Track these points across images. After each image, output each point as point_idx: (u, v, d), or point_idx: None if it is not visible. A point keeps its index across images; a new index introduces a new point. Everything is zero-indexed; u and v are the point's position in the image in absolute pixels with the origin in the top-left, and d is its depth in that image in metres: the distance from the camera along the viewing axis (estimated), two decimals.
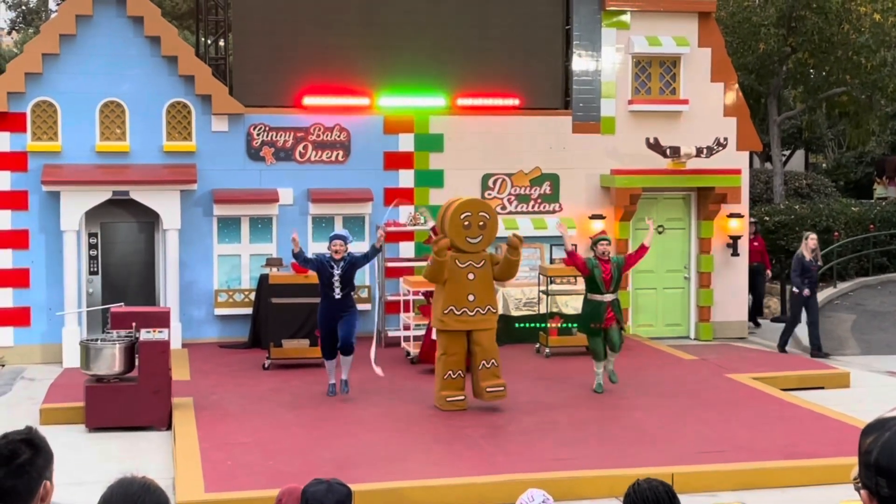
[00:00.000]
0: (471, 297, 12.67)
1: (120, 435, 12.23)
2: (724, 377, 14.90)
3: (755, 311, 20.59)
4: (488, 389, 12.65)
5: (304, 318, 15.75)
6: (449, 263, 12.69)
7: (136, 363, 12.47)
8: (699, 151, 18.64)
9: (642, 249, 13.92)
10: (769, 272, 21.09)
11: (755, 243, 20.18)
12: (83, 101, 16.78)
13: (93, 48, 16.82)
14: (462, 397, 12.73)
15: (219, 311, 17.26)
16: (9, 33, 39.13)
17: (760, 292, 20.82)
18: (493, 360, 12.75)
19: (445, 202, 13.58)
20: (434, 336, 14.61)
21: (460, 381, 12.76)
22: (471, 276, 12.69)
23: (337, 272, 13.20)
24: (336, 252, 13.24)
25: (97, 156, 16.87)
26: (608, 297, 13.55)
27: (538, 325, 16.74)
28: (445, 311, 12.71)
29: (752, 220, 20.48)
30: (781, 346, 18.08)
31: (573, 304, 17.22)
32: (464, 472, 10.38)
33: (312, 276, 15.59)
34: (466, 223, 12.73)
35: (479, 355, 12.72)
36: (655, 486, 4.10)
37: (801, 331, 19.18)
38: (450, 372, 12.71)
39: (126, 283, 17.38)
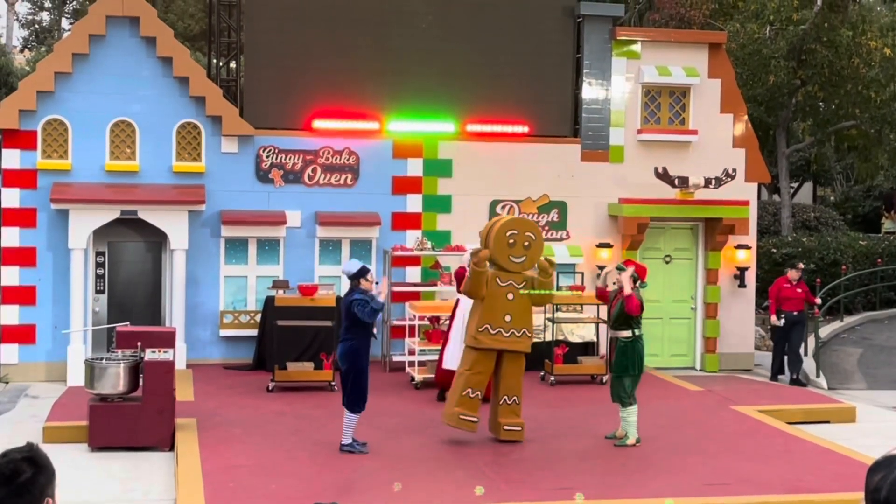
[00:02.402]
0: (507, 318, 12.44)
1: (122, 455, 12.20)
2: (729, 409, 14.84)
3: (785, 365, 18.17)
4: (505, 427, 12.43)
5: (309, 341, 15.74)
6: (490, 281, 12.45)
7: (141, 383, 12.45)
8: (707, 182, 18.67)
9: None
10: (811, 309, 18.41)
11: (798, 290, 18.21)
12: (94, 120, 16.84)
13: (105, 68, 16.90)
14: (475, 419, 12.41)
15: (224, 333, 17.26)
16: (21, 51, 39.36)
17: (795, 345, 18.21)
18: (514, 398, 12.51)
19: (490, 221, 13.35)
20: (445, 365, 14.53)
21: (477, 402, 12.45)
22: (510, 297, 12.44)
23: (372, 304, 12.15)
24: (373, 284, 12.03)
25: (107, 175, 16.92)
26: (611, 333, 12.80)
27: None
28: (480, 329, 12.41)
29: (801, 265, 18.78)
30: None
31: (579, 333, 17.20)
32: (467, 500, 10.31)
33: (319, 299, 15.62)
34: (511, 241, 12.44)
35: (503, 389, 12.49)
36: None
37: (809, 364, 19.10)
38: (469, 390, 12.38)
39: (132, 302, 17.38)
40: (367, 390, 11.83)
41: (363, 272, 11.92)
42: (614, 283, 12.98)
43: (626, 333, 12.55)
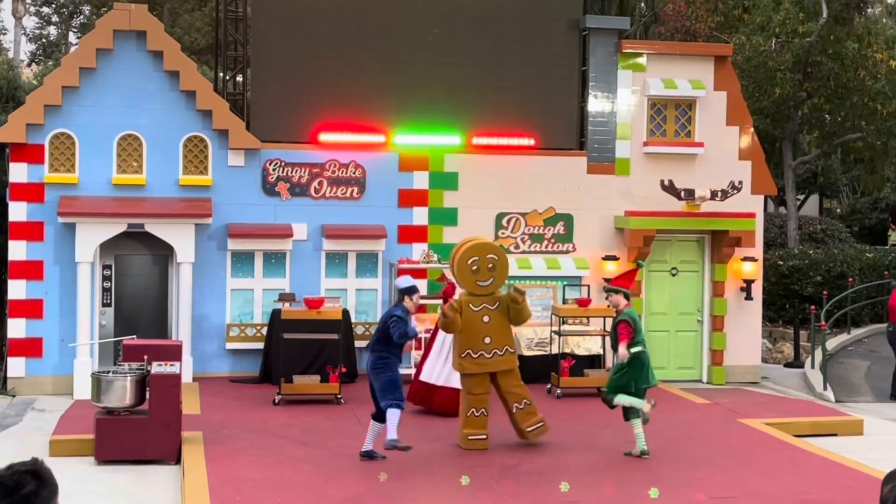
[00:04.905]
0: (487, 340, 12.68)
1: (129, 468, 12.19)
2: (736, 422, 14.81)
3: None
4: (528, 429, 12.73)
5: (315, 354, 15.74)
6: (463, 308, 12.71)
7: (147, 396, 12.45)
8: (714, 194, 18.66)
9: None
10: None
11: None
12: (101, 134, 16.89)
13: (112, 82, 16.95)
14: (484, 436, 12.68)
15: (230, 346, 17.26)
16: (28, 66, 39.45)
17: None
18: (524, 400, 12.77)
19: (458, 243, 13.54)
20: (422, 377, 14.67)
21: (483, 420, 12.72)
22: (486, 319, 12.67)
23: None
24: (417, 307, 12.18)
25: (113, 188, 16.96)
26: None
27: None
28: (462, 355, 12.70)
29: None
30: None
31: (585, 345, 17.17)
32: None
33: (325, 312, 15.62)
34: (475, 268, 12.69)
35: (511, 399, 12.76)
36: None
37: (816, 377, 19.06)
38: (472, 410, 12.67)
39: (139, 315, 17.40)
40: (401, 389, 11.90)
41: (410, 290, 12.06)
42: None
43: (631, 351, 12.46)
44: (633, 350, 12.37)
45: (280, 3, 17.68)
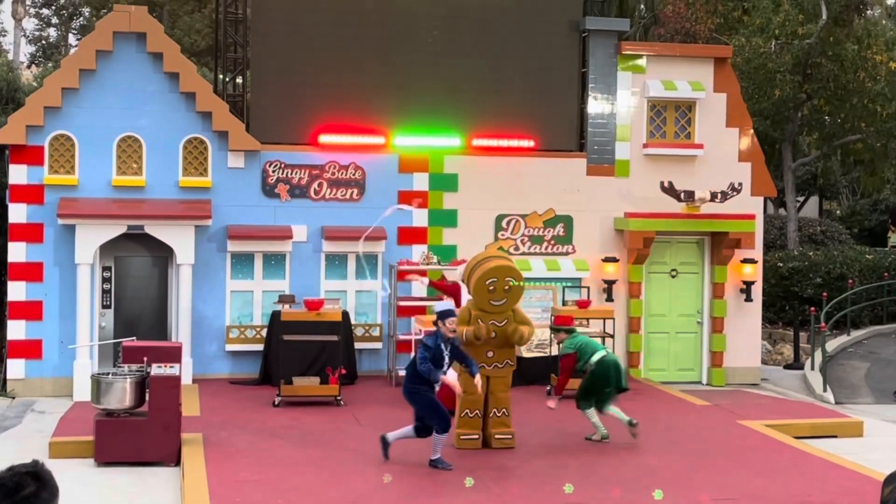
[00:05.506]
0: (490, 354, 12.92)
1: (129, 470, 12.19)
2: (736, 424, 14.80)
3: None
4: (496, 436, 12.93)
5: (315, 356, 15.73)
6: (473, 322, 12.86)
7: (147, 398, 12.45)
8: (713, 196, 18.67)
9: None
10: None
11: None
12: (101, 136, 16.90)
13: (112, 83, 16.95)
14: (476, 436, 12.90)
15: (230, 347, 17.26)
16: (28, 67, 39.45)
17: None
18: (503, 410, 12.98)
19: (474, 257, 13.48)
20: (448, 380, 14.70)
21: (476, 421, 12.90)
22: (492, 335, 12.84)
23: (447, 353, 11.92)
24: (453, 332, 12.00)
25: (113, 190, 16.96)
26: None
27: None
28: None
29: None
30: None
31: None
32: None
33: (325, 314, 15.62)
34: (491, 288, 12.84)
35: (492, 404, 12.97)
36: None
37: (815, 379, 19.07)
38: (467, 411, 12.86)
39: (139, 317, 17.41)
40: (444, 410, 11.89)
41: (443, 315, 11.97)
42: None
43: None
44: (594, 359, 13.29)
45: (280, 4, 17.69)
